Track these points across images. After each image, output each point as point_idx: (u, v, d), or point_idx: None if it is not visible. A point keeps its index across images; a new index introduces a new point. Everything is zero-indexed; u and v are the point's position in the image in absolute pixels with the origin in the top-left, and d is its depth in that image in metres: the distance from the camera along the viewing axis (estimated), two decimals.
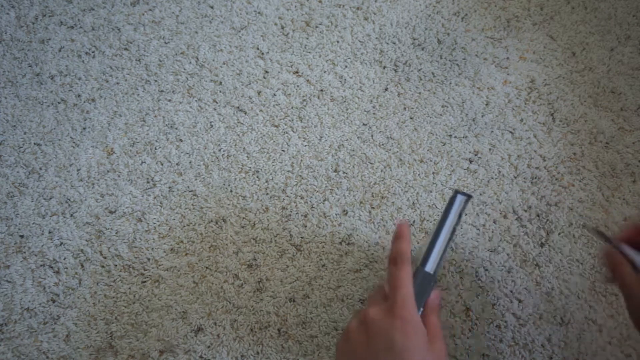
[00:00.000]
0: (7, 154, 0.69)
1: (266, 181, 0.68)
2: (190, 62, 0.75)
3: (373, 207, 0.66)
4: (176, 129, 0.71)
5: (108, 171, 0.68)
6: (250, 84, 0.74)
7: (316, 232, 0.65)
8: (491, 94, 0.73)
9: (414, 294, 0.40)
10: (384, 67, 0.75)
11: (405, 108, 0.72)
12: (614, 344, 0.59)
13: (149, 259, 0.64)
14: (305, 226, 0.65)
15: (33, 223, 0.65)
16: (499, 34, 0.77)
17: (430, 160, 0.69)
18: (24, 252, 0.64)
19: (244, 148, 0.70)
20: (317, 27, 0.78)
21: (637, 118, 0.71)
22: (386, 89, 0.73)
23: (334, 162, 0.69)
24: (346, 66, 0.75)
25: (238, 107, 0.72)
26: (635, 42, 0.76)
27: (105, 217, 0.66)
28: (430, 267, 0.43)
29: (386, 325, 0.39)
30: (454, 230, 0.45)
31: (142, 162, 0.69)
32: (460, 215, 0.45)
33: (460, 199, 0.45)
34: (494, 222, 0.65)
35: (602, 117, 0.71)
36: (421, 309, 0.41)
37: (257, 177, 0.68)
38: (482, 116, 0.71)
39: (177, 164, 0.69)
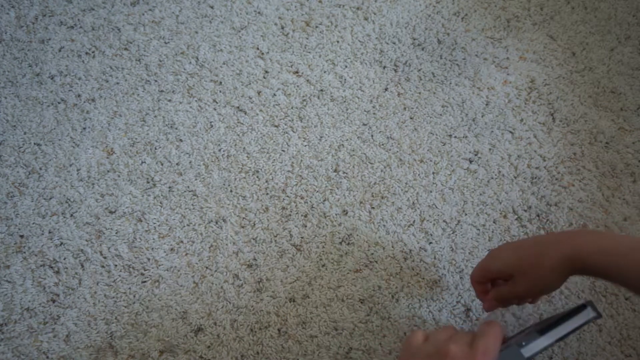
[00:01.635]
0: (7, 154, 0.69)
1: (266, 181, 0.68)
2: (190, 62, 0.75)
3: (373, 207, 0.66)
4: (176, 129, 0.71)
5: (108, 171, 0.68)
6: (250, 84, 0.74)
7: (316, 232, 0.65)
8: (491, 94, 0.73)
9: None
10: (384, 67, 0.75)
11: (405, 108, 0.72)
12: (614, 344, 0.59)
13: (149, 259, 0.64)
14: (305, 226, 0.65)
15: (33, 223, 0.65)
16: (499, 34, 0.77)
17: (430, 160, 0.69)
18: (24, 252, 0.64)
19: (244, 148, 0.70)
20: (317, 27, 0.78)
21: (637, 118, 0.71)
22: (386, 89, 0.73)
23: (334, 162, 0.69)
24: (346, 66, 0.75)
25: (238, 107, 0.72)
26: (635, 42, 0.76)
27: (105, 217, 0.66)
28: (526, 352, 0.42)
29: None
30: (566, 335, 0.44)
31: (142, 162, 0.69)
32: (580, 327, 0.44)
33: (589, 314, 0.44)
34: (494, 222, 0.65)
35: (602, 117, 0.71)
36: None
37: (257, 177, 0.68)
38: (482, 116, 0.71)
39: (177, 164, 0.69)
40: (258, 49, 0.76)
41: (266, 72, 0.75)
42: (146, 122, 0.71)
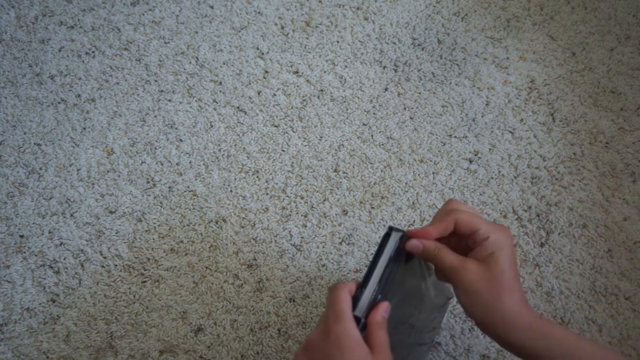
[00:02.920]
0: (7, 154, 0.69)
1: (266, 181, 0.68)
2: (190, 62, 0.75)
3: (373, 207, 0.66)
4: (176, 129, 0.71)
5: (108, 171, 0.68)
6: (250, 84, 0.74)
7: (316, 232, 0.65)
8: (491, 94, 0.73)
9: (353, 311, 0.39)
10: (384, 67, 0.75)
11: (405, 108, 0.72)
12: (614, 344, 0.59)
13: (149, 259, 0.64)
14: (305, 226, 0.65)
15: (33, 223, 0.65)
16: (499, 34, 0.77)
17: (430, 160, 0.69)
18: (24, 252, 0.64)
19: (244, 148, 0.70)
20: (317, 27, 0.78)
21: (637, 118, 0.71)
22: (386, 89, 0.73)
23: (334, 162, 0.69)
24: (346, 66, 0.75)
25: (238, 107, 0.72)
26: (635, 42, 0.76)
27: (105, 217, 0.66)
28: (358, 312, 0.41)
29: (322, 343, 0.39)
30: (388, 270, 0.41)
31: (142, 162, 0.69)
32: (396, 255, 0.42)
33: (396, 236, 0.42)
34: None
35: (602, 117, 0.71)
36: (362, 320, 0.40)
37: (257, 177, 0.68)
38: (482, 116, 0.71)
39: (177, 164, 0.69)
40: (258, 49, 0.76)
41: (266, 72, 0.75)
42: (146, 122, 0.71)
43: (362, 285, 0.41)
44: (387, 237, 0.42)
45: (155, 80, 0.74)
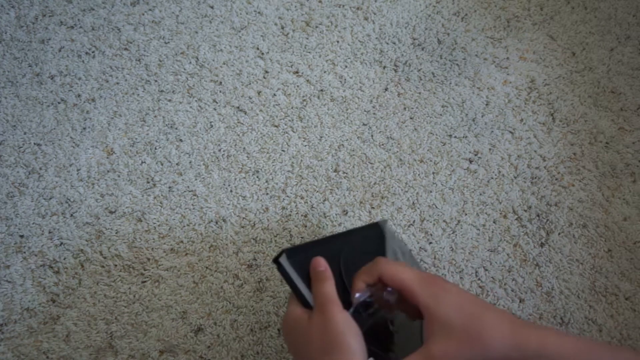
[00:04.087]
0: (7, 154, 0.69)
1: (266, 181, 0.68)
2: (190, 62, 0.75)
3: (373, 207, 0.66)
4: (176, 129, 0.71)
5: (108, 171, 0.68)
6: (250, 84, 0.74)
7: (316, 232, 0.65)
8: (491, 94, 0.73)
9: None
10: (384, 67, 0.75)
11: (405, 108, 0.72)
12: (613, 344, 0.59)
13: (149, 259, 0.64)
14: (305, 226, 0.65)
15: (33, 223, 0.65)
16: (499, 34, 0.77)
17: (430, 160, 0.69)
18: (24, 252, 0.64)
19: (244, 148, 0.70)
20: (317, 27, 0.78)
21: (637, 118, 0.71)
22: (386, 89, 0.73)
23: (334, 162, 0.69)
24: (346, 66, 0.75)
25: (238, 107, 0.72)
26: (635, 42, 0.76)
27: (105, 217, 0.66)
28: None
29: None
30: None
31: (142, 162, 0.69)
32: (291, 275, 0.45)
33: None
34: (494, 222, 0.65)
35: (602, 117, 0.71)
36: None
37: (257, 177, 0.68)
38: (482, 116, 0.71)
39: (177, 164, 0.69)
40: (258, 49, 0.76)
41: (266, 72, 0.75)
42: (146, 122, 0.71)
43: (306, 305, 0.45)
44: (279, 265, 0.46)
45: (155, 80, 0.74)
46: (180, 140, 0.70)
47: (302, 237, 0.65)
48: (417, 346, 0.38)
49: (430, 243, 0.64)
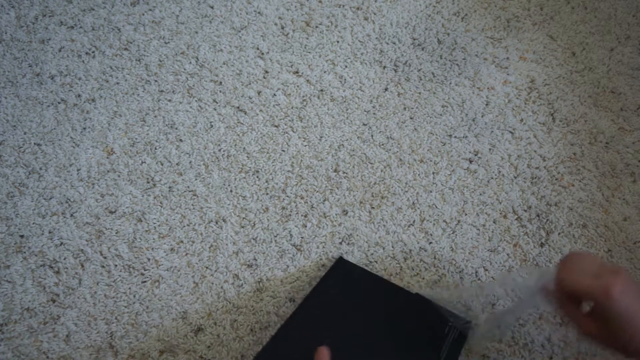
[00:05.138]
0: (7, 154, 0.69)
1: (266, 181, 0.68)
2: (190, 62, 0.75)
3: (373, 207, 0.66)
4: (176, 129, 0.71)
5: (108, 171, 0.68)
6: (250, 84, 0.74)
7: (316, 232, 0.65)
8: (491, 94, 0.73)
9: None
10: (384, 67, 0.75)
11: (405, 108, 0.72)
12: None
13: (149, 259, 0.64)
14: (305, 226, 0.65)
15: (33, 223, 0.65)
16: (499, 34, 0.77)
17: (430, 160, 0.69)
18: (24, 252, 0.64)
19: (244, 148, 0.70)
20: (317, 27, 0.78)
21: (637, 118, 0.71)
22: (386, 89, 0.73)
23: (334, 162, 0.69)
24: (346, 66, 0.75)
25: (238, 107, 0.72)
26: (635, 42, 0.76)
27: (105, 217, 0.66)
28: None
29: None
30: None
31: (142, 162, 0.69)
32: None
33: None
34: (494, 222, 0.65)
35: (602, 117, 0.71)
36: None
37: (257, 177, 0.68)
38: (482, 116, 0.71)
39: (177, 164, 0.69)
40: (258, 49, 0.76)
41: (266, 72, 0.75)
42: (146, 122, 0.71)
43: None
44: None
45: (155, 80, 0.74)
46: (180, 140, 0.70)
47: (302, 237, 0.65)
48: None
49: (430, 243, 0.64)
